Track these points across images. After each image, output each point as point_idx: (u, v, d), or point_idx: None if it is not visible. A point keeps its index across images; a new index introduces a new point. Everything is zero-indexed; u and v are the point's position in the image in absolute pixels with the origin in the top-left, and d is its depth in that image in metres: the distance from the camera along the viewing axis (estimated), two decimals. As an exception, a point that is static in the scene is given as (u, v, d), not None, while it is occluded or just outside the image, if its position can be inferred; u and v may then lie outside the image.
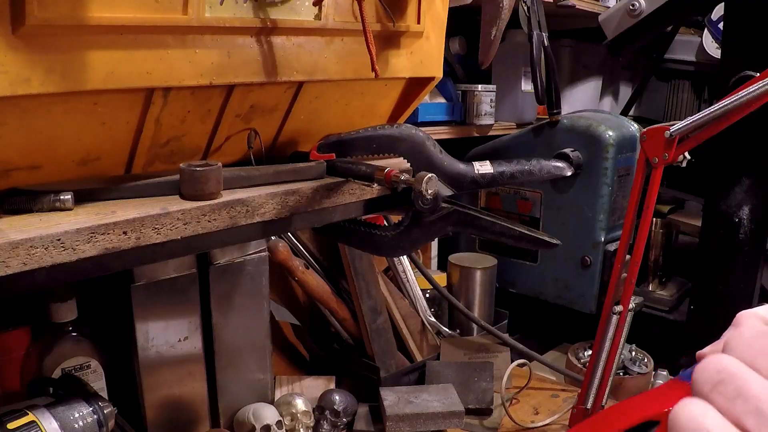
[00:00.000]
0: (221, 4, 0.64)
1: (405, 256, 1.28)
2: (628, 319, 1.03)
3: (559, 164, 0.85)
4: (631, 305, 1.02)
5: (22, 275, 0.51)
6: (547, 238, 0.78)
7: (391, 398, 1.09)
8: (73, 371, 0.83)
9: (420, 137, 0.76)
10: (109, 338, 0.88)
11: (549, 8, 1.38)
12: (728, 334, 0.32)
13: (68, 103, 0.57)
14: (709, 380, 0.30)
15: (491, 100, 1.44)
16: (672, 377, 1.34)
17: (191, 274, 0.94)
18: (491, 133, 1.48)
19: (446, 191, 0.76)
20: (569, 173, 0.85)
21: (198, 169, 0.63)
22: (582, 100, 1.80)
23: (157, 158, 0.71)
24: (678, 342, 1.38)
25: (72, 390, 0.73)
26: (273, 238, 1.09)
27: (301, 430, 1.05)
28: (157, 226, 0.59)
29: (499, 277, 1.41)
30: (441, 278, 1.38)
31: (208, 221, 0.63)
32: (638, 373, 1.29)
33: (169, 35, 0.61)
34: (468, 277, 1.35)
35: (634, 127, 1.35)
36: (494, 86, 1.46)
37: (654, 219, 1.47)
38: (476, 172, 0.78)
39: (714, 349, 0.33)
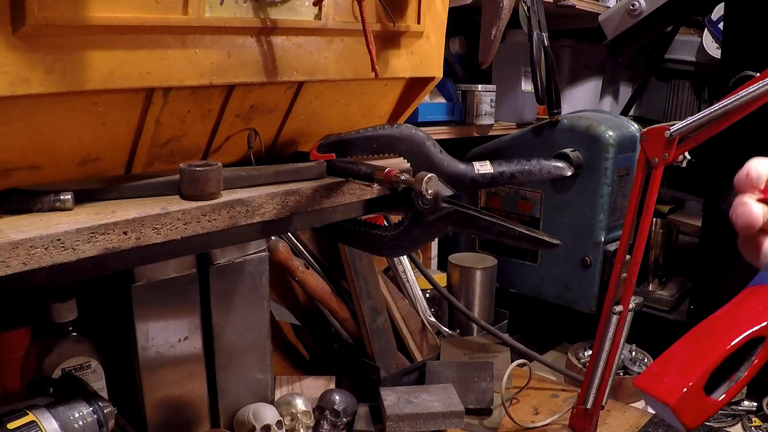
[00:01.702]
0: (221, 4, 0.64)
1: (405, 256, 1.28)
2: (628, 319, 1.03)
3: (559, 164, 0.85)
4: (631, 305, 1.02)
5: (22, 275, 0.51)
6: (547, 238, 0.78)
7: (391, 398, 1.09)
8: (73, 371, 0.83)
9: (420, 137, 0.76)
10: (109, 338, 0.88)
11: (549, 8, 1.38)
12: None
13: (68, 103, 0.57)
14: None
15: (491, 100, 1.44)
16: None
17: (191, 274, 0.94)
18: (491, 133, 1.48)
19: (446, 191, 0.76)
20: (569, 173, 0.85)
21: (198, 169, 0.63)
22: (582, 100, 1.80)
23: (157, 158, 0.71)
24: (678, 342, 1.38)
25: (72, 390, 0.73)
26: (273, 238, 1.09)
27: (301, 430, 1.05)
28: (157, 226, 0.59)
29: (499, 277, 1.41)
30: (441, 278, 1.38)
31: (208, 221, 0.63)
32: (638, 373, 1.29)
33: (169, 35, 0.61)
34: (468, 277, 1.35)
35: (634, 127, 1.35)
36: (494, 86, 1.46)
37: (654, 219, 1.47)
38: (476, 172, 0.78)
39: None
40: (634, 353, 1.33)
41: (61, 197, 0.58)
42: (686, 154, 0.96)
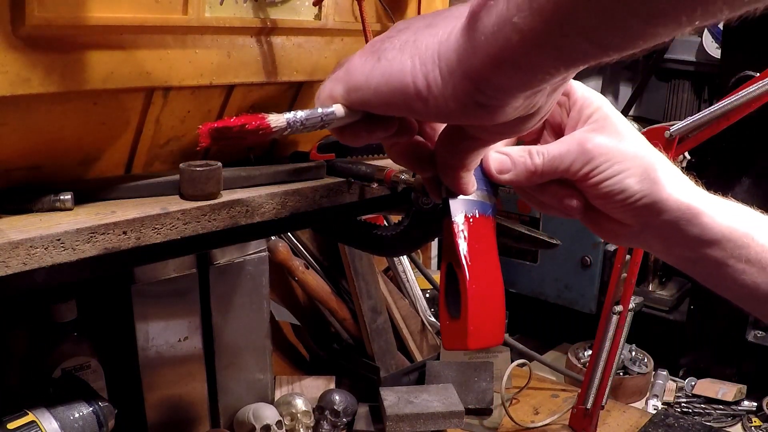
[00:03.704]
0: (221, 4, 0.64)
1: (405, 256, 1.28)
2: (628, 319, 1.03)
3: (559, 164, 0.85)
4: (631, 305, 1.02)
5: (22, 275, 0.51)
6: (547, 238, 0.78)
7: (391, 398, 1.09)
8: (73, 371, 0.82)
9: (420, 137, 0.75)
10: (109, 338, 0.88)
11: (549, 8, 1.37)
12: None
13: (68, 103, 0.57)
14: None
15: (491, 100, 1.44)
16: (671, 377, 1.34)
17: (191, 274, 0.94)
18: (491, 133, 1.48)
19: (446, 191, 0.76)
20: (569, 173, 0.85)
21: (198, 169, 0.63)
22: (582, 100, 1.80)
23: (157, 158, 0.71)
24: (678, 342, 1.38)
25: (72, 390, 0.73)
26: (273, 238, 1.09)
27: (301, 430, 1.05)
28: (157, 226, 0.59)
29: (499, 277, 1.41)
30: (441, 278, 1.38)
31: (208, 221, 0.63)
32: (638, 373, 1.29)
33: (169, 35, 0.61)
34: (468, 277, 1.35)
35: (634, 126, 1.35)
36: (494, 86, 1.46)
37: (654, 219, 1.46)
38: (476, 172, 0.77)
39: None
40: (634, 353, 1.33)
41: (61, 197, 0.58)
42: (686, 153, 0.96)
